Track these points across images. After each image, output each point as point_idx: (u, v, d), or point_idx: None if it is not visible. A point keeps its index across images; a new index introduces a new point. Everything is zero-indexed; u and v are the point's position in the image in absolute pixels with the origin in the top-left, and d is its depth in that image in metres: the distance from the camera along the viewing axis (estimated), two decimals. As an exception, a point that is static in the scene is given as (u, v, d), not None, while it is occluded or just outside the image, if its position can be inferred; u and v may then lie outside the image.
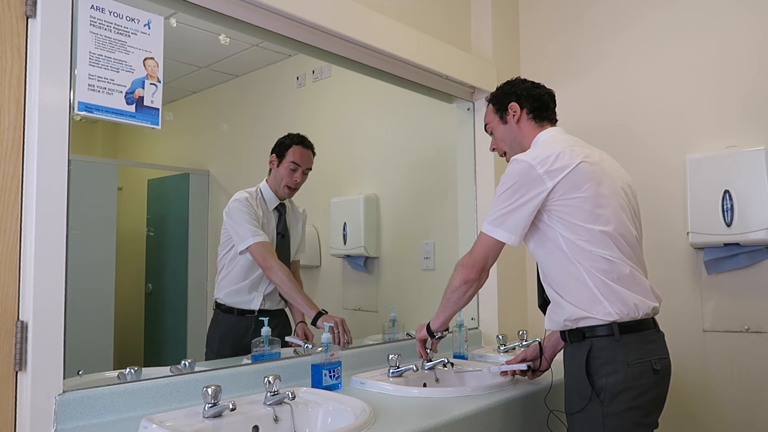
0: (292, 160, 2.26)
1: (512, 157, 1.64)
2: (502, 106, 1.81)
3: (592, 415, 1.50)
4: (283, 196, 2.30)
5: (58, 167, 1.35)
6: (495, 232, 1.60)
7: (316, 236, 3.02)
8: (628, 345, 1.51)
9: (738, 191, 2.16)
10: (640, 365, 1.50)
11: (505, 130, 1.81)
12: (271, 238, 2.23)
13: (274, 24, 1.90)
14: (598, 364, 1.50)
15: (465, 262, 1.68)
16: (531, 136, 1.76)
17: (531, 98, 1.78)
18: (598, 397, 1.49)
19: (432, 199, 2.88)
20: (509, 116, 1.79)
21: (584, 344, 1.54)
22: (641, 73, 2.55)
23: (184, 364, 1.67)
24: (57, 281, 1.34)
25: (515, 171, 1.59)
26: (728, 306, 2.27)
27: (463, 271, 1.68)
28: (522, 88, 1.80)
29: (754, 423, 2.20)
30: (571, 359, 1.60)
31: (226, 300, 2.21)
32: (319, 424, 1.54)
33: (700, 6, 2.40)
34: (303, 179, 2.31)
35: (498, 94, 1.84)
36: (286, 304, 2.29)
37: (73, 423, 1.35)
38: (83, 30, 1.42)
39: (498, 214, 1.60)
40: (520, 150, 1.74)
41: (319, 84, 3.05)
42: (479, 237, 1.66)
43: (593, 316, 1.52)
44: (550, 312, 1.65)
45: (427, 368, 2.01)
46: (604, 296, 1.52)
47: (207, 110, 3.23)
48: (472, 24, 2.84)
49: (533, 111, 1.77)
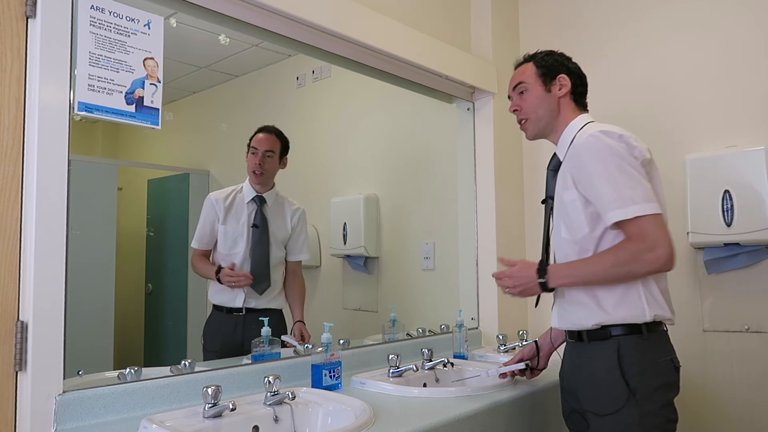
0: (252, 145, 2.32)
1: (591, 133, 1.51)
2: (552, 73, 1.67)
3: (627, 415, 1.44)
4: (257, 187, 2.31)
5: (58, 167, 1.35)
6: (650, 207, 1.42)
7: (316, 236, 3.02)
8: (654, 343, 1.49)
9: (738, 191, 2.16)
10: (665, 363, 1.49)
11: (544, 99, 1.67)
12: (241, 231, 2.25)
13: (274, 24, 1.90)
14: (628, 363, 1.46)
15: (657, 254, 1.41)
16: (567, 117, 1.66)
17: (579, 78, 1.70)
18: (634, 396, 1.44)
19: (432, 199, 2.88)
20: (555, 87, 1.66)
21: (610, 343, 1.48)
22: (641, 73, 2.55)
23: (184, 364, 1.67)
24: (57, 281, 1.34)
25: (606, 143, 1.47)
26: (728, 306, 2.27)
27: (655, 254, 1.41)
28: (573, 64, 1.71)
29: (754, 423, 2.20)
30: (593, 359, 1.52)
31: (213, 298, 2.26)
32: (319, 424, 1.54)
33: (700, 5, 2.40)
34: (266, 162, 2.30)
35: (549, 60, 1.70)
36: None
37: (73, 423, 1.35)
38: (83, 30, 1.42)
39: (633, 190, 1.43)
40: (551, 126, 1.67)
41: (319, 84, 3.05)
42: (640, 224, 1.42)
43: (627, 322, 1.48)
44: (569, 314, 1.57)
45: (428, 368, 2.01)
46: (648, 304, 1.47)
47: (207, 110, 3.23)
48: (472, 24, 2.84)
49: (576, 93, 1.68)
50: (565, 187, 1.56)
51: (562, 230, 1.60)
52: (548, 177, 1.70)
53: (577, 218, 1.53)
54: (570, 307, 1.57)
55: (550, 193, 1.68)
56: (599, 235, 1.51)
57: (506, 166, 2.79)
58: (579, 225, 1.53)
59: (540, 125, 1.68)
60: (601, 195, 1.46)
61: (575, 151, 1.54)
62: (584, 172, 1.50)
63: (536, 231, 2.86)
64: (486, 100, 2.76)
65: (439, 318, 2.63)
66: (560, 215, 1.60)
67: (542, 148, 2.85)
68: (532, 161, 2.90)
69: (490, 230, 2.70)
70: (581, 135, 1.56)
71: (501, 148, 2.76)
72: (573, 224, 1.55)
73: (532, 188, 2.90)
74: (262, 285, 2.24)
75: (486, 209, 2.72)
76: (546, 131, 1.70)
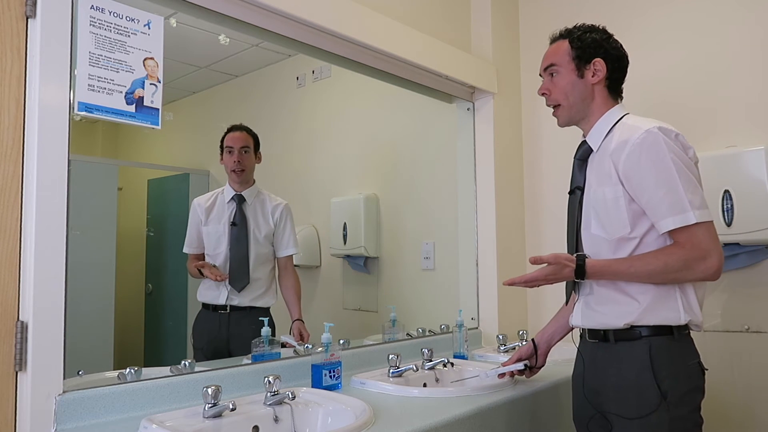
0: (226, 145, 2.35)
1: (649, 129, 1.41)
2: (586, 56, 1.54)
3: (657, 420, 1.38)
4: (236, 186, 2.34)
5: (58, 167, 1.35)
6: (706, 214, 1.36)
7: (316, 236, 3.02)
8: (684, 345, 1.44)
9: (738, 191, 2.16)
10: (694, 366, 1.44)
11: (576, 84, 1.54)
12: (222, 231, 2.29)
13: (274, 24, 1.90)
14: (659, 365, 1.39)
15: (708, 264, 1.36)
16: (601, 107, 1.54)
17: (618, 63, 1.56)
18: (665, 400, 1.38)
19: (432, 199, 2.88)
20: (589, 71, 1.54)
21: (640, 344, 1.41)
22: (641, 73, 2.54)
23: (184, 364, 1.67)
24: (57, 281, 1.34)
25: (666, 142, 1.39)
26: (728, 306, 2.27)
27: (707, 264, 1.36)
28: (612, 46, 1.56)
29: (754, 423, 2.20)
30: (622, 361, 1.44)
31: (201, 296, 2.30)
32: (319, 424, 1.54)
33: (700, 6, 2.40)
34: (244, 158, 2.33)
35: (585, 40, 1.55)
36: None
37: (73, 423, 1.35)
38: (83, 30, 1.42)
39: (693, 194, 1.36)
40: (582, 114, 1.56)
41: (319, 84, 3.05)
42: (694, 231, 1.36)
43: (660, 323, 1.41)
44: (597, 313, 1.49)
45: (427, 368, 2.01)
46: (684, 310, 1.41)
47: (207, 110, 3.23)
48: (472, 24, 2.84)
49: (612, 79, 1.56)
50: (607, 182, 1.45)
51: (592, 226, 1.49)
52: (575, 167, 1.58)
53: (618, 216, 1.43)
54: (599, 307, 1.49)
55: (577, 183, 1.56)
56: (641, 235, 1.42)
57: (506, 166, 2.79)
58: (620, 224, 1.43)
59: (572, 113, 1.56)
60: (656, 198, 1.38)
61: (626, 145, 1.42)
62: (638, 170, 1.40)
63: (536, 231, 2.87)
64: (486, 100, 2.75)
65: (439, 318, 2.63)
66: (593, 210, 1.49)
67: (542, 147, 2.85)
68: (533, 161, 2.90)
69: (490, 230, 2.70)
70: (629, 128, 1.46)
71: (501, 148, 2.76)
72: (612, 222, 1.44)
73: (532, 188, 2.90)
74: (240, 282, 2.26)
75: (486, 209, 2.72)
76: (577, 118, 1.58)
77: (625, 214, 1.43)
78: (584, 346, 1.58)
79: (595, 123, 1.55)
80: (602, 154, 1.50)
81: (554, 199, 2.76)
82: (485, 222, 2.72)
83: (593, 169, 1.52)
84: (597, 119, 1.55)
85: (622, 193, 1.43)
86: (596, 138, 1.53)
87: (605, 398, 1.48)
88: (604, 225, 1.47)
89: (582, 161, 1.56)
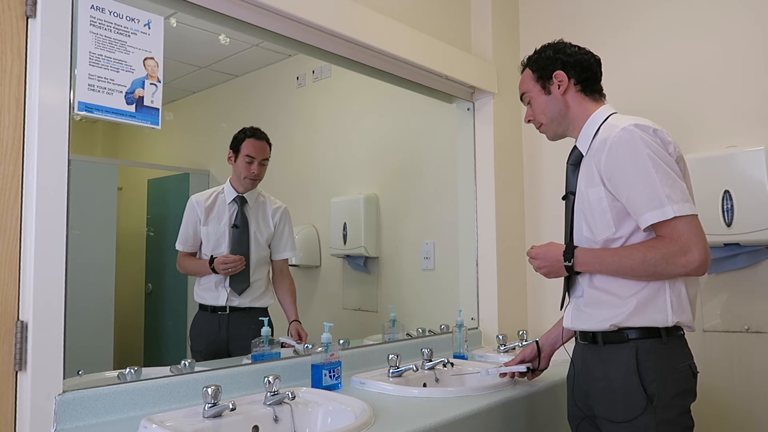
0: (246, 153, 2.30)
1: (625, 127, 1.41)
2: (545, 74, 1.59)
3: (644, 424, 1.37)
4: (245, 189, 2.32)
5: (58, 167, 1.35)
6: (688, 207, 1.35)
7: (316, 236, 3.02)
8: (673, 347, 1.43)
9: (738, 191, 2.16)
10: (684, 368, 1.43)
11: (548, 102, 1.60)
12: (223, 232, 2.27)
13: (274, 24, 1.90)
14: (645, 369, 1.39)
15: (689, 258, 1.34)
16: (583, 111, 1.57)
17: (579, 66, 1.58)
18: (651, 404, 1.37)
19: (432, 199, 2.88)
20: (553, 86, 1.58)
21: (627, 347, 1.42)
22: (640, 73, 2.55)
23: (184, 364, 1.67)
24: (57, 281, 1.34)
25: (642, 138, 1.39)
26: (728, 306, 2.27)
27: (687, 259, 1.34)
28: (568, 54, 1.59)
29: (754, 423, 2.20)
30: (609, 364, 1.45)
31: (198, 297, 2.27)
32: (319, 424, 1.54)
33: (700, 5, 2.40)
34: (261, 170, 2.32)
35: (540, 60, 1.62)
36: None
37: (73, 423, 1.35)
38: (83, 30, 1.42)
39: (671, 189, 1.35)
40: (565, 125, 1.60)
41: (319, 84, 3.05)
42: (674, 224, 1.35)
43: (647, 325, 1.41)
44: (585, 314, 1.50)
45: (427, 368, 2.01)
46: (673, 310, 1.40)
47: (207, 110, 3.23)
48: (472, 24, 2.84)
49: (581, 82, 1.58)
50: (591, 183, 1.47)
51: (583, 229, 1.51)
52: (568, 171, 1.61)
53: (602, 218, 1.45)
54: (587, 308, 1.50)
55: (570, 188, 1.58)
56: (626, 235, 1.43)
57: (506, 166, 2.79)
58: (604, 225, 1.45)
59: (554, 126, 1.61)
60: (635, 194, 1.38)
61: (605, 145, 1.44)
62: (617, 168, 1.41)
63: (536, 231, 2.87)
64: (486, 100, 2.76)
65: (439, 318, 2.63)
66: (583, 213, 1.51)
67: (542, 148, 2.85)
68: (532, 161, 2.90)
69: (490, 230, 2.70)
70: (609, 128, 1.47)
71: (501, 148, 2.76)
72: (597, 223, 1.46)
73: (532, 188, 2.90)
74: (241, 285, 2.25)
75: (486, 209, 2.72)
76: (562, 130, 1.62)
77: (609, 215, 1.44)
78: (576, 348, 1.60)
79: (582, 128, 1.57)
80: (590, 156, 1.52)
81: (554, 199, 2.76)
82: (485, 222, 2.72)
83: (583, 173, 1.53)
84: (583, 124, 1.57)
85: (604, 194, 1.44)
86: (585, 142, 1.55)
87: (594, 401, 1.50)
88: (591, 227, 1.49)
89: (574, 166, 1.58)
